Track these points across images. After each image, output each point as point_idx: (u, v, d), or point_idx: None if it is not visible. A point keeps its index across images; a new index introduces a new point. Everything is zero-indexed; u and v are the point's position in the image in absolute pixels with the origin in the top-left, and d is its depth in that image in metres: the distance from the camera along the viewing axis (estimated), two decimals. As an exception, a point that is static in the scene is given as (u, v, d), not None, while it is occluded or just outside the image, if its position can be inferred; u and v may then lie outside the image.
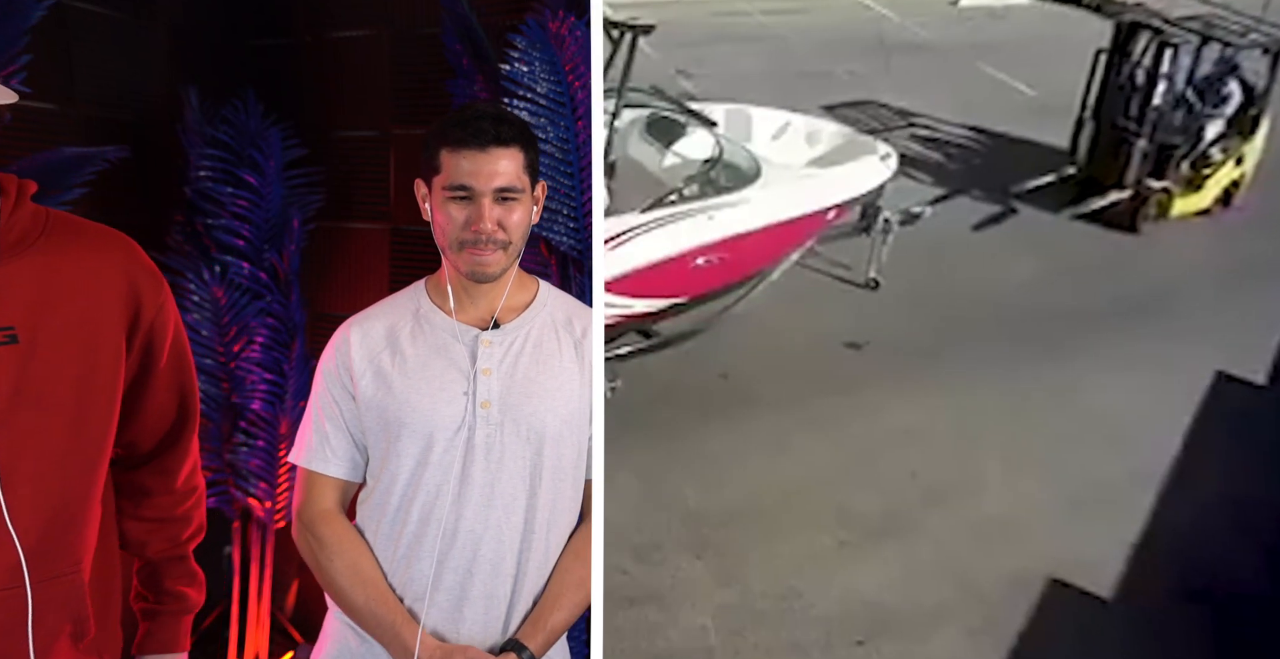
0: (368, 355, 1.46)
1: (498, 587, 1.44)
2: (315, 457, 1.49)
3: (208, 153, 2.49)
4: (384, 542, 1.46)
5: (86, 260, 1.26)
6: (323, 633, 1.54)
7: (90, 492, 1.28)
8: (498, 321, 1.47)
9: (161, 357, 1.36)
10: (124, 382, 1.31)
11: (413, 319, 1.48)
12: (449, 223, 1.41)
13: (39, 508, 1.21)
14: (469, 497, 1.42)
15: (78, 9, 2.24)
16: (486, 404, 1.42)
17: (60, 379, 1.22)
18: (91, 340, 1.26)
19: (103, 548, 1.33)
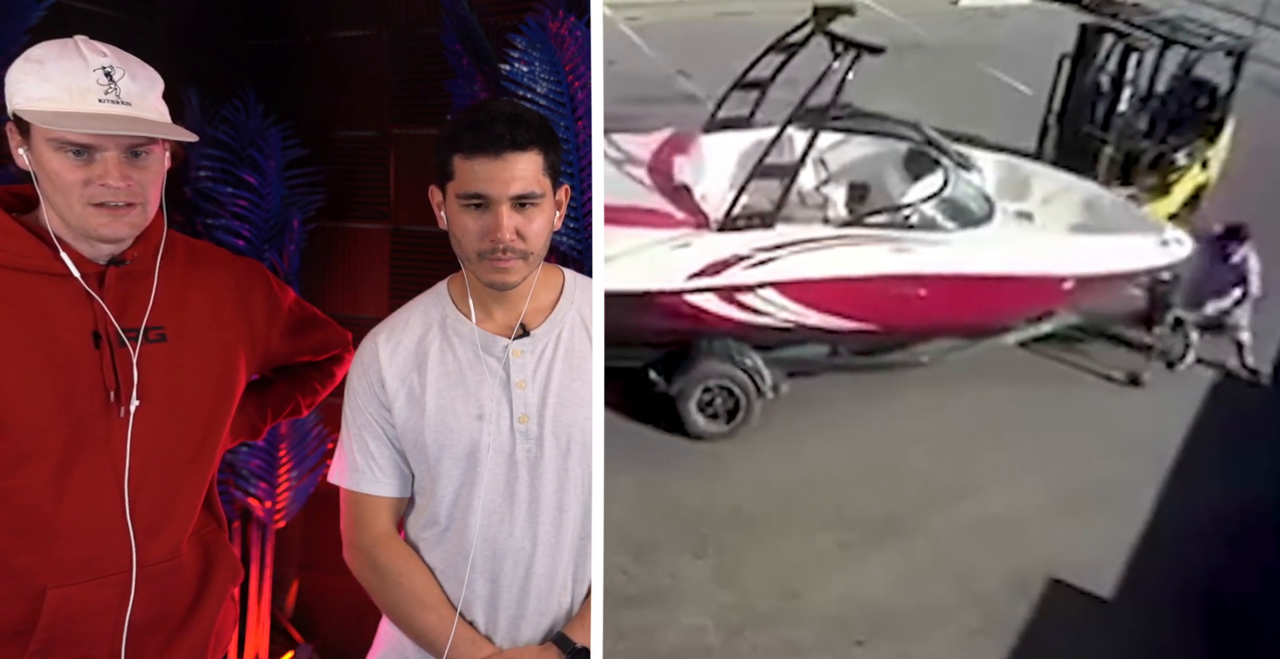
0: (399, 375, 1.41)
1: (552, 601, 1.42)
2: (364, 478, 1.44)
3: (208, 153, 2.49)
4: (438, 563, 1.43)
5: (209, 277, 1.46)
6: (378, 639, 1.52)
7: (208, 478, 1.46)
8: (525, 326, 1.41)
9: (289, 343, 1.58)
10: (244, 383, 1.50)
11: (439, 331, 1.43)
12: (465, 233, 1.34)
13: (157, 499, 1.37)
14: (515, 514, 1.39)
15: (78, 9, 2.24)
16: (524, 419, 1.38)
17: (203, 377, 1.41)
18: (222, 343, 1.44)
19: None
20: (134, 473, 1.32)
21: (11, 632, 1.30)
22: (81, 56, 1.25)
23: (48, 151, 1.24)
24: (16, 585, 1.30)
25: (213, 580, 1.48)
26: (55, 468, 1.28)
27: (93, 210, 1.27)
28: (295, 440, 2.58)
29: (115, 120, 1.24)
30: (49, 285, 1.29)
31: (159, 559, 1.38)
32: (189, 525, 1.44)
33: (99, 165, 1.25)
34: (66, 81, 1.23)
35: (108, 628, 1.35)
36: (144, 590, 1.36)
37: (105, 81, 1.25)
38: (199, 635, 1.48)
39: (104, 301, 1.31)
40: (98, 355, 1.30)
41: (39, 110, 1.23)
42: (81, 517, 1.31)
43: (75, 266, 1.30)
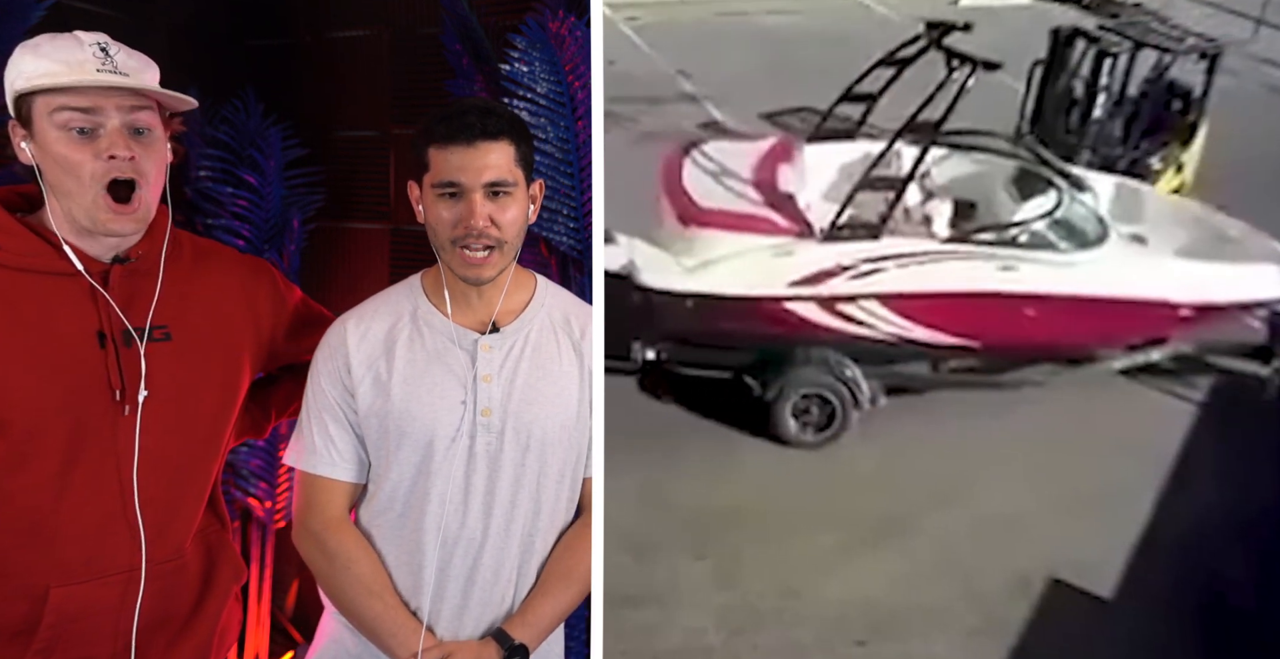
0: (366, 360, 1.43)
1: (496, 593, 1.43)
2: (321, 460, 1.45)
3: (208, 153, 2.49)
4: (389, 549, 1.44)
5: (215, 276, 1.46)
6: (319, 632, 1.53)
7: (211, 478, 1.50)
8: (496, 324, 1.44)
9: (296, 342, 1.59)
10: (248, 384, 1.51)
11: (410, 321, 1.45)
12: (439, 221, 1.37)
13: (165, 494, 1.39)
14: (470, 504, 1.41)
15: (77, 9, 2.24)
16: (487, 412, 1.40)
17: (207, 376, 1.41)
18: (227, 342, 1.45)
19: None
20: (138, 472, 1.33)
21: (14, 631, 1.30)
22: (75, 37, 1.28)
23: (52, 133, 1.25)
24: (19, 585, 1.30)
25: (216, 581, 1.49)
26: (58, 467, 1.29)
27: (101, 202, 1.27)
28: (295, 440, 2.58)
29: (114, 89, 1.26)
30: (53, 285, 1.29)
31: (162, 559, 1.38)
32: (192, 525, 1.44)
33: (104, 139, 1.26)
34: (63, 55, 1.25)
35: (110, 628, 1.35)
36: (147, 590, 1.36)
37: (101, 54, 1.27)
38: (202, 636, 1.48)
39: (109, 300, 1.31)
40: (102, 354, 1.30)
41: (39, 85, 1.24)
42: (84, 516, 1.31)
43: (80, 265, 1.30)
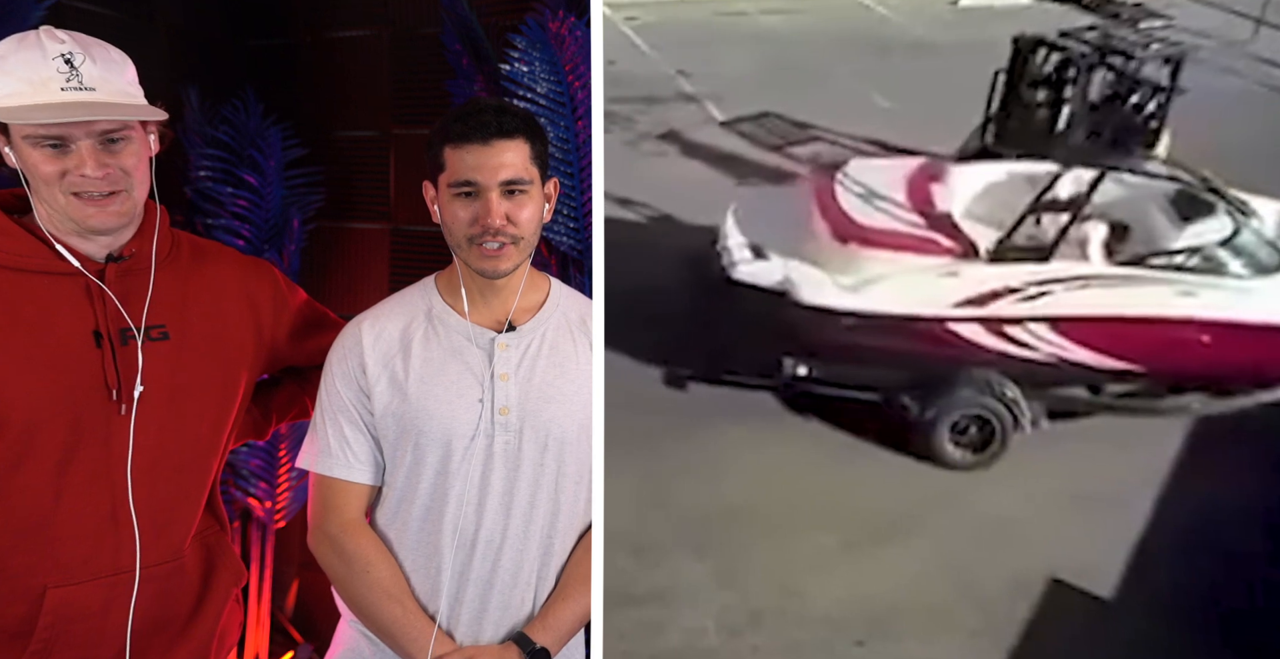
0: (381, 359, 1.41)
1: (515, 596, 1.42)
2: (337, 463, 1.43)
3: (208, 153, 2.49)
4: (407, 553, 1.42)
5: (215, 276, 1.45)
6: (335, 641, 1.51)
7: (210, 479, 1.49)
8: (512, 323, 1.43)
9: (298, 345, 1.58)
10: (249, 383, 1.50)
11: (425, 320, 1.43)
12: (455, 220, 1.36)
13: (164, 495, 1.38)
14: (487, 505, 1.39)
15: (77, 9, 2.24)
16: (505, 411, 1.39)
17: (206, 376, 1.40)
18: (226, 342, 1.44)
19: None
20: (135, 473, 1.32)
21: (11, 632, 1.30)
22: (40, 47, 1.25)
23: (25, 147, 1.25)
24: (16, 586, 1.30)
25: (215, 583, 1.48)
26: (55, 467, 1.28)
27: (76, 201, 1.27)
28: (295, 440, 2.57)
29: (79, 107, 1.24)
30: (49, 284, 1.29)
31: (160, 561, 1.38)
32: (190, 527, 1.43)
33: (74, 156, 1.25)
34: (27, 73, 1.23)
35: (108, 629, 1.34)
36: (145, 592, 1.35)
37: (66, 68, 1.25)
38: (202, 638, 1.47)
39: (104, 299, 1.31)
40: (99, 354, 1.30)
41: (5, 107, 1.23)
42: (81, 516, 1.30)
43: (77, 263, 1.30)
